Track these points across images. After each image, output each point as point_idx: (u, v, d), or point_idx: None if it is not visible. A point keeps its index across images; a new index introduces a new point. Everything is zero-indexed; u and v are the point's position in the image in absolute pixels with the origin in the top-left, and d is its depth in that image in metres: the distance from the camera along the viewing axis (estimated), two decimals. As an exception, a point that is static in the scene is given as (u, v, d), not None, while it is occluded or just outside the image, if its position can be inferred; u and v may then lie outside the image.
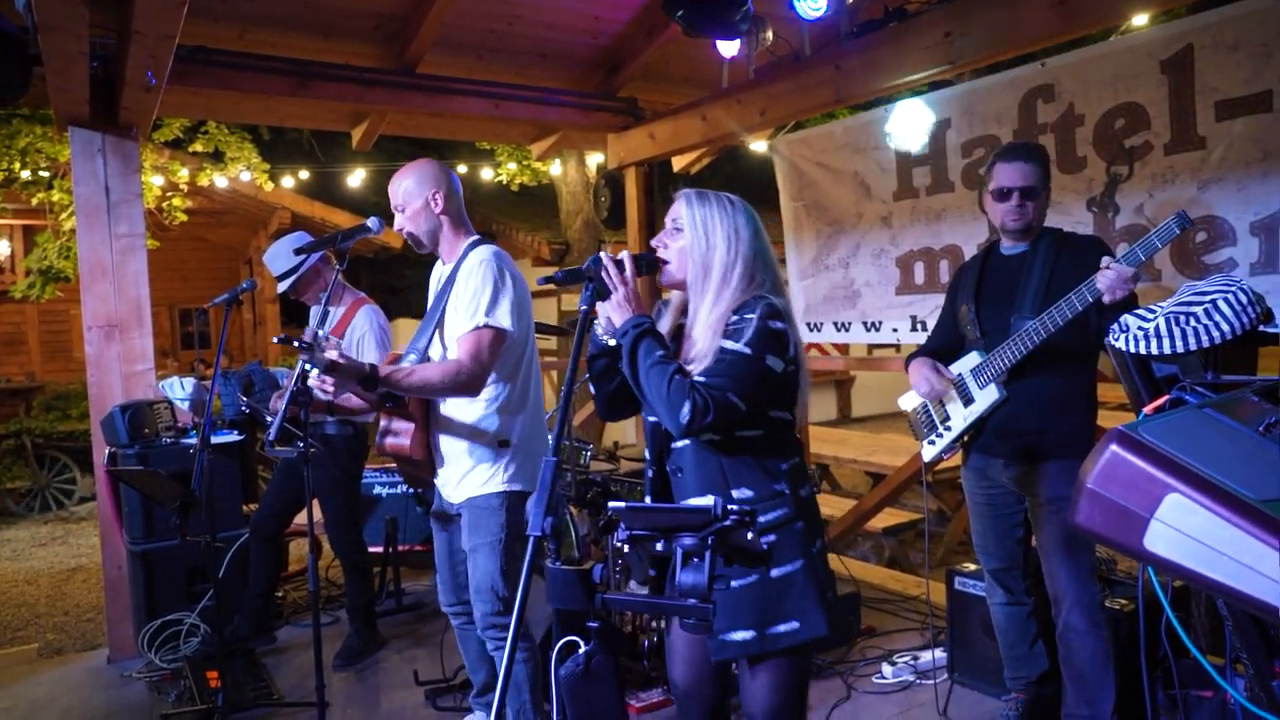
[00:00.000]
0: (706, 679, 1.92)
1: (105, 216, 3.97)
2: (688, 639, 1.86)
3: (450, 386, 2.28)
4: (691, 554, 1.28)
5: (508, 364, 2.43)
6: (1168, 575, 0.92)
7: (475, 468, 2.46)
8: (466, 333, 2.32)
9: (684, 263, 1.79)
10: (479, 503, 2.44)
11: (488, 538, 2.43)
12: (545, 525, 1.20)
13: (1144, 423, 0.98)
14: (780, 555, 1.73)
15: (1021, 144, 2.64)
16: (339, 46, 4.60)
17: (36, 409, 8.66)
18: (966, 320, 2.70)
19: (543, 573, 1.31)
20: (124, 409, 3.70)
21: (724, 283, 1.76)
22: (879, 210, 4.22)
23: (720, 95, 4.57)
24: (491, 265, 2.35)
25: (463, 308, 2.35)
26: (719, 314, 1.74)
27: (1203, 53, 2.94)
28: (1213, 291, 1.27)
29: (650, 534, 1.34)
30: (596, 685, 1.21)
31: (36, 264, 6.80)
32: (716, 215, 1.79)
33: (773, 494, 1.76)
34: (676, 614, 1.29)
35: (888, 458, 6.58)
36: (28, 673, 4.06)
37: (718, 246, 1.77)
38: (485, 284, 2.32)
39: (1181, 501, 0.89)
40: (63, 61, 3.06)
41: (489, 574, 2.43)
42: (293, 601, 4.42)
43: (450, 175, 2.51)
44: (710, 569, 1.27)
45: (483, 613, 2.47)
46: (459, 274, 2.41)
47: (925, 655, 3.39)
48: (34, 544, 7.13)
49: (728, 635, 1.70)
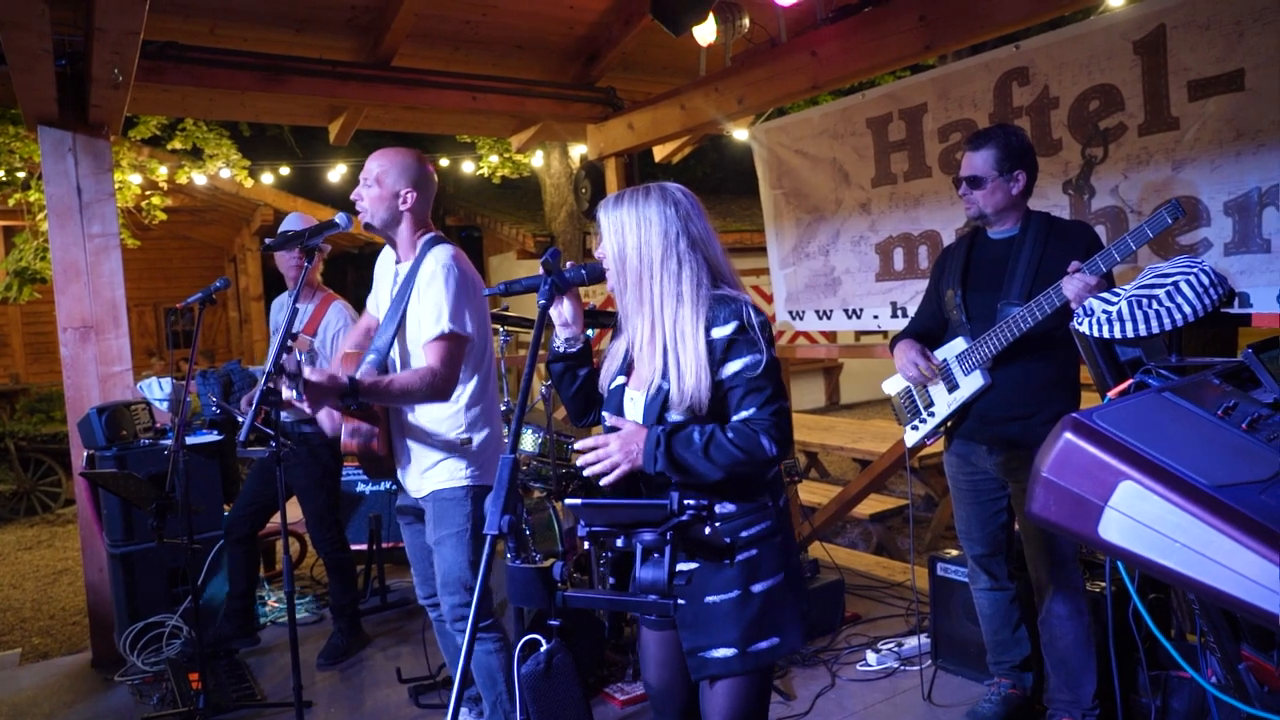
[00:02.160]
0: (679, 679, 1.86)
1: (78, 217, 3.92)
2: (659, 639, 1.83)
3: (428, 393, 2.30)
4: (651, 550, 1.27)
5: (469, 364, 2.45)
6: (1123, 563, 0.91)
7: (439, 463, 2.47)
8: (432, 340, 2.34)
9: (610, 267, 1.72)
10: (444, 494, 2.46)
11: (453, 529, 2.44)
12: (503, 524, 1.18)
13: (1099, 409, 0.97)
14: (762, 570, 1.67)
15: (980, 131, 2.62)
16: (312, 40, 4.54)
17: (20, 411, 8.58)
18: (952, 305, 2.69)
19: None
20: (100, 411, 3.66)
21: (640, 275, 1.67)
22: (858, 197, 4.20)
23: (699, 83, 4.53)
24: (453, 271, 2.37)
25: (427, 315, 2.35)
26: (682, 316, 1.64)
27: (1175, 32, 2.92)
28: (1175, 274, 1.26)
29: (610, 530, 1.33)
30: (558, 683, 1.19)
31: (14, 266, 6.73)
32: (625, 213, 1.70)
33: (757, 507, 1.70)
34: (638, 610, 1.28)
35: (875, 444, 6.58)
36: (10, 678, 4.03)
37: (627, 242, 1.69)
38: (446, 291, 2.33)
39: (1134, 489, 0.88)
40: (27, 59, 3.01)
41: (456, 565, 2.44)
42: (279, 600, 4.39)
43: (429, 177, 2.51)
44: (670, 564, 1.26)
45: (450, 605, 2.47)
46: (419, 277, 2.41)
47: (909, 642, 3.39)
48: (19, 547, 7.08)
49: (708, 653, 1.65)
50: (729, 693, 1.68)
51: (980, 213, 2.59)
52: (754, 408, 1.62)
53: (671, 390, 1.62)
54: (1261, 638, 1.23)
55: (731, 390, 1.64)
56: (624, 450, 1.58)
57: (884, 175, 4.06)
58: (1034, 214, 2.62)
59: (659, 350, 1.66)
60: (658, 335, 1.66)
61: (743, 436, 1.59)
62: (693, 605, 1.64)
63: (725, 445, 1.58)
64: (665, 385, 1.64)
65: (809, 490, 6.11)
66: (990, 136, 2.57)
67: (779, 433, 1.61)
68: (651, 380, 1.68)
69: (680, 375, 1.61)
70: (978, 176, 2.54)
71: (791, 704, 3.03)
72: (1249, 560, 0.80)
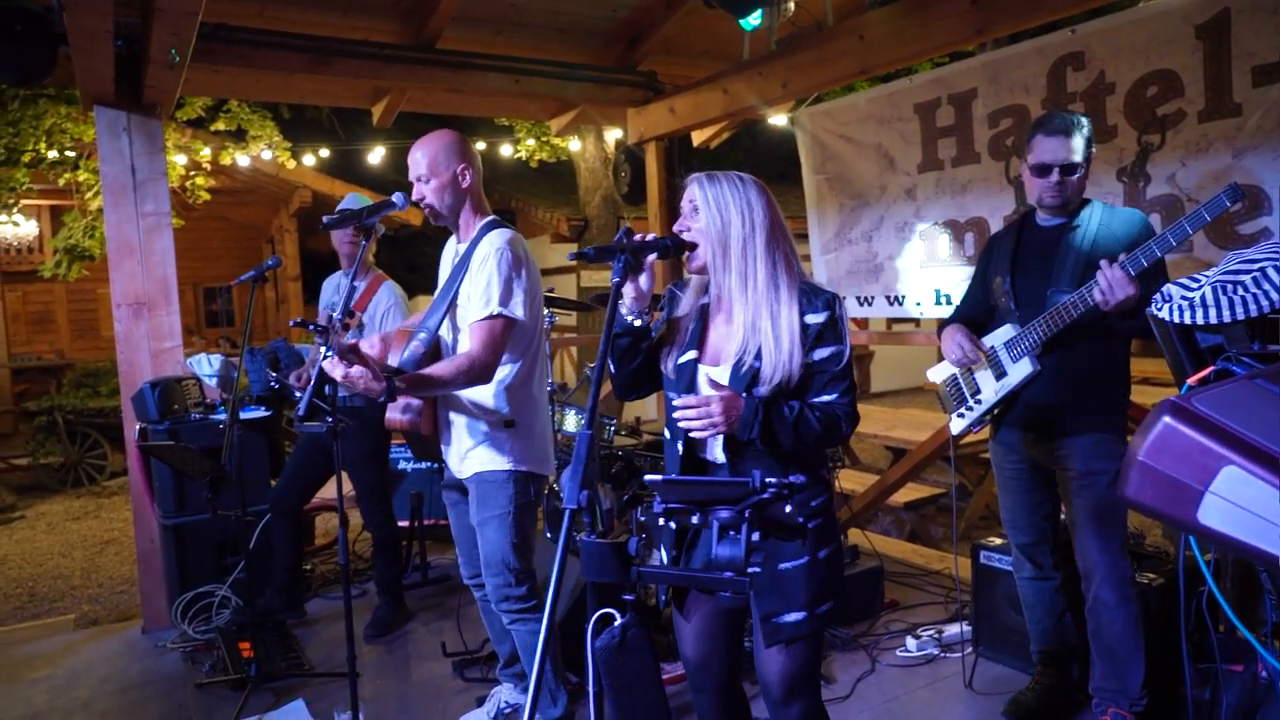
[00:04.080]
0: (718, 654, 1.94)
1: (131, 195, 3.99)
2: (701, 615, 1.88)
3: (466, 381, 2.32)
4: (728, 527, 1.29)
5: (517, 347, 2.45)
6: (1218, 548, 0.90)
7: (481, 444, 2.48)
8: (480, 320, 2.34)
9: (706, 243, 1.80)
10: (486, 477, 2.47)
11: (496, 510, 2.45)
12: (581, 498, 1.20)
13: (1196, 394, 0.96)
14: (825, 537, 1.80)
15: (1064, 115, 2.55)
16: (357, 23, 4.58)
17: (67, 386, 8.79)
18: (1000, 292, 2.66)
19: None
20: (154, 385, 3.74)
21: (744, 257, 1.77)
22: (903, 183, 4.17)
23: (742, 68, 4.51)
24: (507, 254, 2.37)
25: (477, 295, 2.36)
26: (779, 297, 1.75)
27: (1240, 16, 2.86)
28: (1262, 259, 1.24)
29: (685, 507, 1.35)
30: (632, 657, 1.22)
31: (63, 243, 6.86)
32: (728, 192, 1.80)
33: (819, 479, 1.81)
34: (713, 587, 1.30)
35: (908, 432, 6.55)
36: (64, 643, 4.16)
37: (732, 222, 1.78)
38: (500, 273, 2.34)
39: (1238, 474, 0.88)
40: (88, 40, 3.07)
41: (499, 547, 2.46)
42: (320, 575, 4.48)
43: (474, 150, 2.51)
44: (747, 542, 1.27)
45: (495, 585, 2.49)
46: (473, 258, 2.41)
47: (949, 629, 3.39)
48: (68, 518, 7.28)
49: (782, 618, 1.75)
50: (796, 655, 1.78)
51: (1068, 200, 2.53)
52: (836, 394, 1.76)
53: (764, 368, 1.71)
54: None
55: (818, 375, 1.77)
56: (725, 413, 1.65)
57: (930, 161, 4.02)
58: (1086, 200, 2.58)
59: (752, 329, 1.75)
60: (760, 317, 1.75)
61: (827, 418, 1.74)
62: (767, 572, 1.73)
63: (812, 423, 1.71)
64: (756, 364, 1.73)
65: (844, 477, 6.10)
66: (1078, 123, 2.51)
67: (854, 418, 1.78)
68: (739, 358, 1.76)
69: (777, 354, 1.71)
70: (1075, 163, 2.48)
71: (832, 687, 3.05)
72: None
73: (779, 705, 1.82)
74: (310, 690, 3.15)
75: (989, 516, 6.02)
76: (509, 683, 2.84)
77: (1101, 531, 2.54)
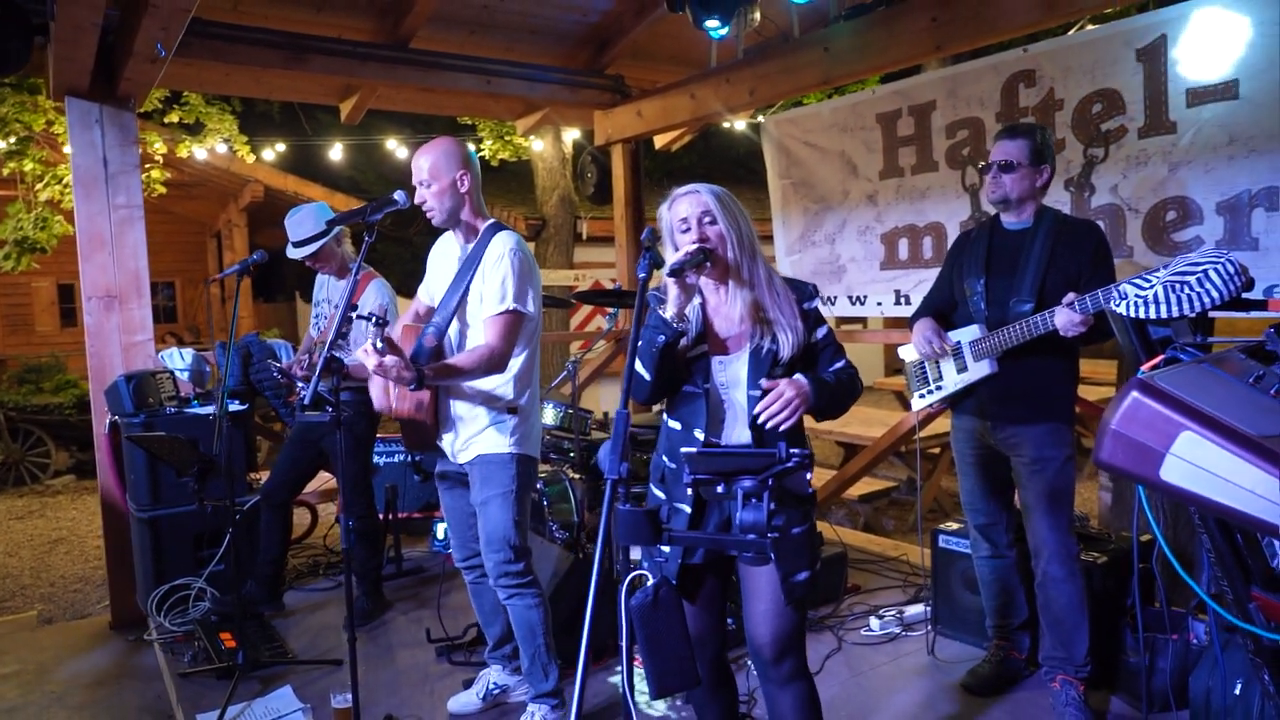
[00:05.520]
0: (712, 630, 2.10)
1: (104, 187, 3.97)
2: (701, 596, 2.05)
3: (486, 369, 2.49)
4: (750, 495, 1.43)
5: (523, 339, 2.61)
6: (1180, 502, 1.09)
7: (486, 429, 2.62)
8: (495, 315, 2.51)
9: (725, 247, 1.96)
10: (490, 458, 2.61)
11: (499, 489, 2.59)
12: (621, 469, 1.33)
13: (1158, 374, 1.14)
14: (812, 507, 2.03)
15: (1017, 123, 2.78)
16: (331, 19, 4.61)
17: (7, 382, 8.53)
18: (972, 291, 2.84)
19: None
20: (129, 378, 3.73)
21: (752, 257, 2.00)
22: (865, 188, 4.38)
23: (709, 74, 4.67)
24: (518, 254, 2.55)
25: (491, 293, 2.52)
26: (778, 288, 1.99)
27: (1176, 42, 3.12)
28: (1204, 263, 1.44)
29: (712, 477, 1.49)
30: (665, 614, 1.35)
31: (12, 234, 6.69)
32: (729, 202, 2.00)
33: (809, 456, 1.94)
34: (739, 549, 1.44)
35: (861, 429, 6.79)
36: (28, 639, 4.10)
37: (741, 228, 1.99)
38: (514, 272, 2.51)
39: (1193, 438, 1.05)
40: (74, 32, 3.07)
41: (501, 524, 2.59)
42: (293, 568, 4.50)
43: (473, 157, 2.64)
44: (768, 508, 1.42)
45: (495, 562, 2.62)
46: (486, 258, 2.56)
47: (910, 609, 3.60)
48: (11, 517, 7.09)
49: (796, 577, 1.95)
50: (791, 616, 1.97)
51: (1005, 196, 2.74)
52: (843, 361, 2.07)
53: (782, 349, 1.96)
54: (1270, 580, 1.42)
55: (823, 351, 2.06)
56: (799, 394, 1.87)
57: (891, 168, 4.24)
58: (1047, 209, 2.78)
59: (766, 319, 1.97)
60: (769, 307, 1.98)
61: (851, 379, 2.05)
62: (784, 536, 1.91)
63: (845, 383, 2.03)
64: (773, 347, 1.96)
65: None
66: (1028, 129, 2.75)
67: (859, 376, 2.08)
68: (755, 344, 1.97)
69: (793, 336, 1.97)
70: (1011, 161, 2.70)
71: (801, 665, 3.22)
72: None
73: (772, 664, 1.98)
74: (295, 678, 3.20)
75: (936, 510, 6.30)
76: (497, 664, 2.95)
77: (1051, 513, 2.76)
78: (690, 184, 2.01)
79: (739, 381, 1.95)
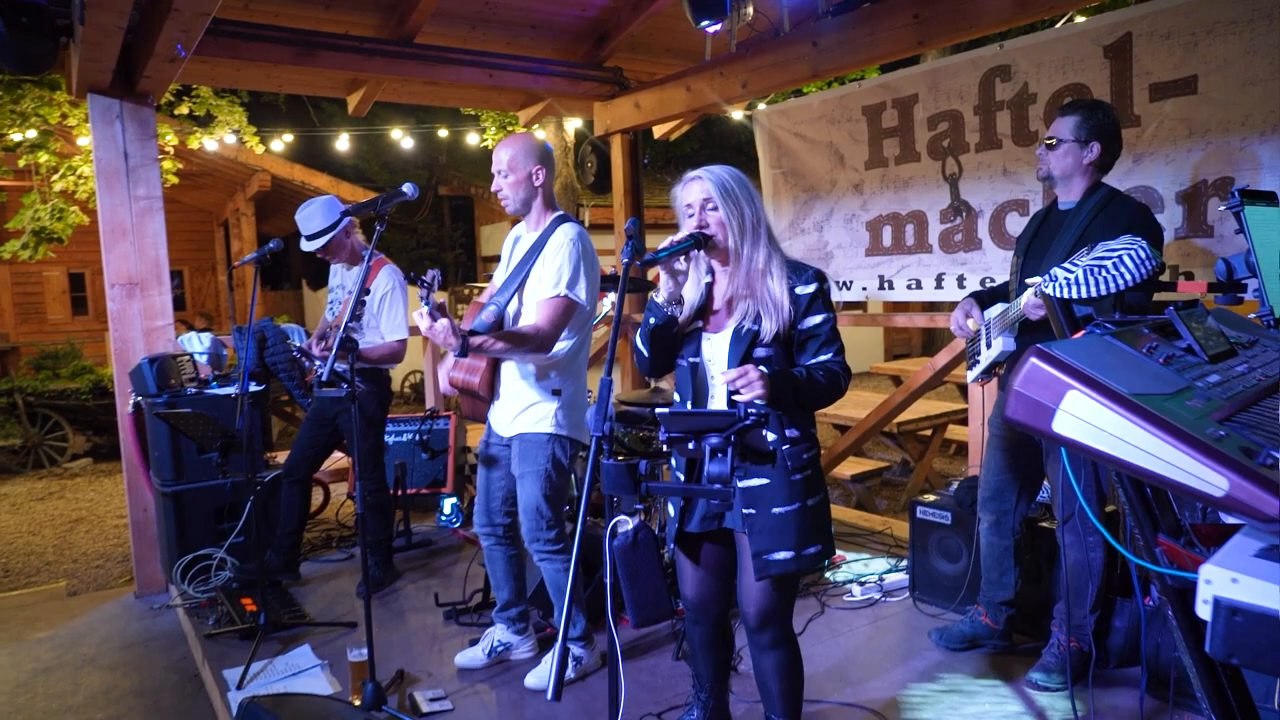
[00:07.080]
0: (714, 595, 2.25)
1: (124, 180, 4.18)
2: (704, 561, 2.19)
3: (532, 347, 2.66)
4: (717, 450, 1.64)
5: (574, 326, 2.81)
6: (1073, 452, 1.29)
7: (530, 407, 2.84)
8: (547, 299, 2.70)
9: (725, 233, 2.03)
10: (530, 437, 2.84)
11: (535, 467, 2.83)
12: (604, 428, 1.53)
13: (1057, 344, 1.35)
14: (813, 488, 2.06)
15: (1073, 100, 2.71)
16: (339, 16, 4.80)
17: (24, 368, 8.76)
18: (1013, 271, 2.90)
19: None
20: (152, 361, 3.95)
21: (754, 242, 2.04)
22: (851, 178, 4.57)
23: (704, 67, 4.85)
24: (578, 245, 2.74)
25: (548, 276, 2.72)
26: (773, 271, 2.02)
27: (1140, 40, 3.30)
28: (1120, 249, 1.63)
29: (684, 435, 1.69)
30: (643, 553, 1.56)
31: (30, 225, 6.90)
32: (735, 186, 2.04)
33: (809, 436, 2.09)
34: (706, 496, 1.64)
35: (855, 411, 6.98)
36: (60, 608, 4.35)
37: (745, 212, 2.03)
38: (570, 260, 2.71)
39: (1078, 395, 1.26)
40: (101, 35, 3.27)
41: (535, 498, 2.84)
42: (308, 541, 4.73)
43: (551, 153, 2.87)
44: (731, 462, 1.63)
45: (529, 528, 2.88)
46: (548, 245, 2.76)
47: (890, 577, 3.81)
48: (32, 498, 7.33)
49: (772, 555, 2.01)
50: (774, 593, 2.07)
51: (1048, 173, 2.76)
52: (830, 353, 2.04)
53: (764, 329, 2.00)
54: (1171, 528, 1.64)
55: (813, 338, 2.05)
56: (761, 379, 1.88)
57: (876, 159, 4.42)
58: (1101, 188, 2.71)
59: (752, 299, 2.02)
60: (758, 288, 2.02)
61: (829, 375, 2.02)
62: (762, 515, 2.01)
63: (819, 379, 2.00)
64: (755, 327, 2.01)
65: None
66: (1079, 105, 2.69)
67: (848, 372, 2.06)
68: (739, 323, 2.03)
69: (778, 316, 2.00)
70: (1055, 139, 2.71)
71: (786, 628, 3.43)
72: (1158, 445, 1.19)
73: (754, 632, 2.14)
74: (313, 639, 3.43)
75: (928, 490, 6.50)
76: (503, 624, 3.17)
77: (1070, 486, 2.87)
78: (702, 168, 2.07)
79: (720, 357, 2.05)
